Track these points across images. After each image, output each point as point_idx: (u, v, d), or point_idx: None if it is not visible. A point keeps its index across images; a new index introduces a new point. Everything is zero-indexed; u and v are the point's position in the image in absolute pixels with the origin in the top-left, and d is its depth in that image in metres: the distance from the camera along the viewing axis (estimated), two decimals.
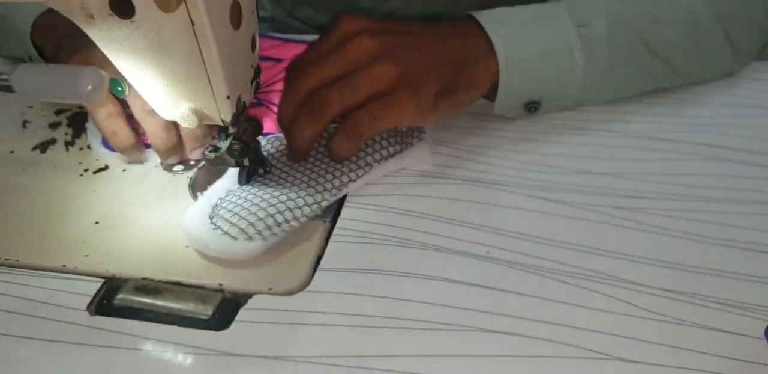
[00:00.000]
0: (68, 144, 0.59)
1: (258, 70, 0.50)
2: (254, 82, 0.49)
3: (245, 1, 0.45)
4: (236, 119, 0.47)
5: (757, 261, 0.46)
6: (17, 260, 0.48)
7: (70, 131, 0.60)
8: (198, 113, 0.46)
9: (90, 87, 0.44)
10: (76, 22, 0.43)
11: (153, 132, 0.52)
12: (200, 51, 0.43)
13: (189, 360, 0.42)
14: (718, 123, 0.57)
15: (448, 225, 0.49)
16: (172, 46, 0.42)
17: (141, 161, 0.56)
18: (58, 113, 0.62)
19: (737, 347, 0.41)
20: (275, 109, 0.56)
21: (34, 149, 0.58)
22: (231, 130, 0.48)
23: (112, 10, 0.41)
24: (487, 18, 0.54)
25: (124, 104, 0.53)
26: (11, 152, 0.58)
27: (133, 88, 0.47)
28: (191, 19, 0.41)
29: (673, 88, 0.61)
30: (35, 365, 0.42)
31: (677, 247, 0.47)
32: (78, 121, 0.61)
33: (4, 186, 0.54)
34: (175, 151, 0.54)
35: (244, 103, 0.48)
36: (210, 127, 0.53)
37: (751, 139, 0.56)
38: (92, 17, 0.42)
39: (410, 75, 0.50)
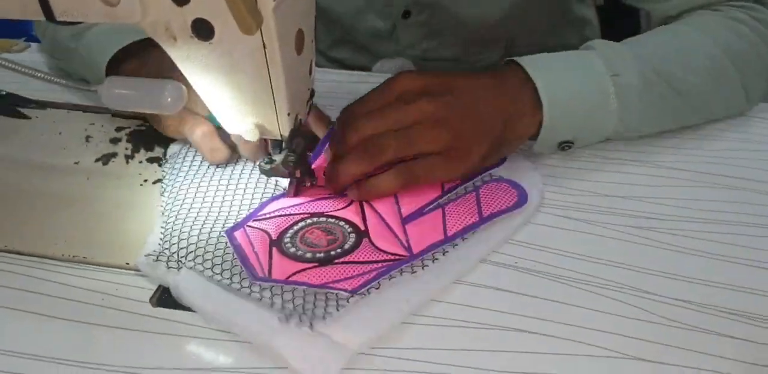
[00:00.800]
0: (128, 157, 0.64)
1: (312, 92, 0.55)
2: (309, 103, 0.55)
3: (307, 29, 0.51)
4: (293, 133, 0.52)
5: (763, 277, 0.50)
6: (85, 257, 0.53)
7: (129, 145, 0.65)
8: (260, 127, 0.51)
9: (170, 99, 0.49)
10: (159, 42, 0.48)
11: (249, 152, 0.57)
12: (269, 72, 0.48)
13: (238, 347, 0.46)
14: (732, 156, 0.62)
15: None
16: (244, 66, 0.48)
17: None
18: (119, 130, 0.67)
19: (744, 351, 0.45)
20: None
21: (96, 160, 0.63)
22: (285, 144, 0.53)
23: (192, 33, 0.47)
24: (530, 64, 0.58)
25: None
26: (76, 163, 0.63)
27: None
28: (264, 43, 0.47)
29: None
30: (105, 347, 0.46)
31: (691, 263, 0.52)
32: (136, 137, 0.66)
33: (71, 193, 0.59)
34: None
35: (301, 120, 0.53)
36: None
37: (760, 170, 0.60)
38: (174, 38, 0.48)
39: (462, 139, 0.54)
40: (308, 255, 0.50)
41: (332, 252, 0.50)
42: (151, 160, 0.63)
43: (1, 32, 0.82)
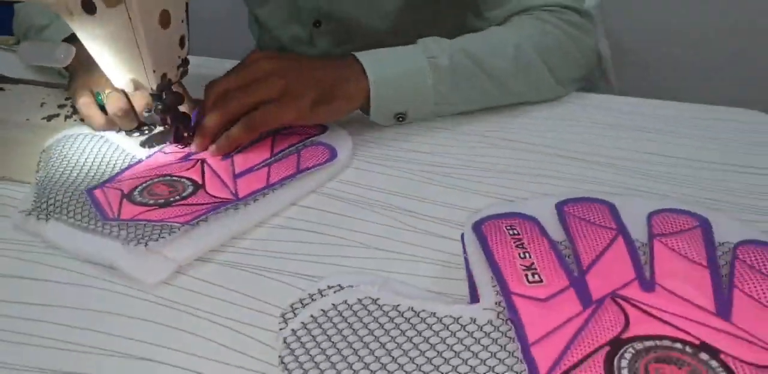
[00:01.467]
0: (66, 117, 0.83)
1: (186, 61, 0.73)
2: (180, 69, 0.72)
3: (174, 11, 0.69)
4: (160, 88, 0.70)
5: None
6: (10, 177, 0.71)
7: (71, 110, 0.84)
8: (135, 82, 0.69)
9: (62, 55, 0.68)
10: (63, 17, 0.67)
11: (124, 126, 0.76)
12: (136, 39, 0.66)
13: None
14: (530, 127, 0.77)
15: None
16: (119, 34, 0.66)
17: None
18: (67, 99, 0.87)
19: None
20: None
21: (42, 119, 0.83)
22: (155, 96, 0.71)
23: (83, 9, 0.66)
24: (362, 53, 0.75)
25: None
26: (27, 119, 0.83)
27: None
28: (129, 17, 0.65)
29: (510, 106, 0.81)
30: None
31: (459, 195, 0.67)
32: None
33: (19, 139, 0.78)
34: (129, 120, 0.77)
35: (169, 79, 0.71)
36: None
37: (558, 140, 0.75)
38: (71, 14, 0.67)
39: (293, 87, 0.70)
40: (151, 202, 0.63)
41: (171, 199, 0.64)
42: (83, 120, 0.82)
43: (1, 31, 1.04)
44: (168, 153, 0.73)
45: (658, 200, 0.57)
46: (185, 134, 0.74)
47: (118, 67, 0.69)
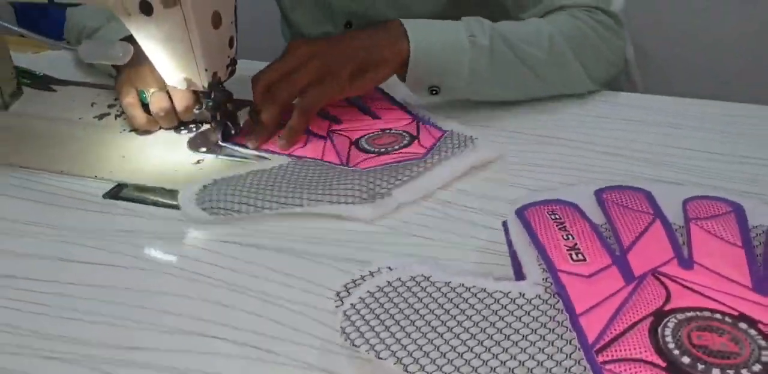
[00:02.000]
0: (117, 116, 0.86)
1: (234, 61, 0.76)
2: (230, 68, 0.76)
3: (225, 12, 0.73)
4: (211, 86, 0.73)
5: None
6: (65, 171, 0.75)
7: (120, 109, 0.88)
8: (188, 80, 0.73)
9: (121, 53, 0.71)
10: (120, 17, 0.71)
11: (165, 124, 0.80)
12: (190, 39, 0.70)
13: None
14: (561, 123, 0.80)
15: None
16: (173, 34, 0.70)
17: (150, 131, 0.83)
18: (116, 99, 0.90)
19: None
20: None
21: (94, 117, 0.87)
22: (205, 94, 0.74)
23: (140, 10, 0.69)
24: (408, 20, 0.78)
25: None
26: (80, 118, 0.87)
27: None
28: (184, 18, 0.69)
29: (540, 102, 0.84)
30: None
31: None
32: None
33: (76, 135, 0.82)
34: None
35: (219, 78, 0.74)
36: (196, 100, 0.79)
37: (575, 132, 0.78)
38: (129, 14, 0.70)
39: (330, 66, 0.74)
40: (374, 150, 0.73)
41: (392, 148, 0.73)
42: None
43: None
44: None
45: (691, 188, 0.59)
46: (232, 132, 0.78)
47: (171, 66, 0.73)
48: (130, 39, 0.73)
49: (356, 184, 0.66)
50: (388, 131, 0.77)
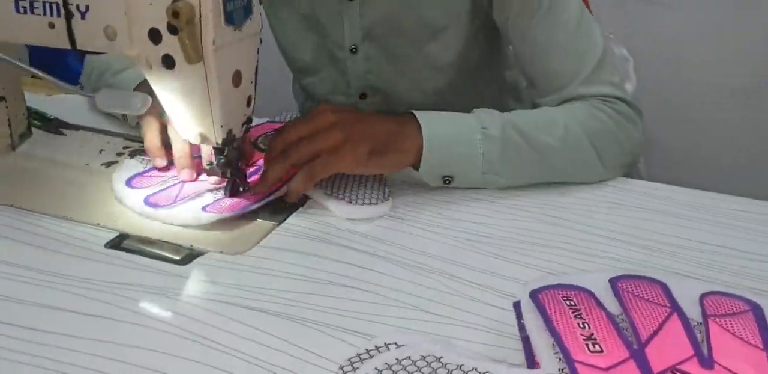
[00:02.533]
0: None
1: (250, 119, 0.76)
2: (244, 126, 0.75)
3: (246, 72, 0.72)
4: (225, 143, 0.73)
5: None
6: (72, 217, 0.74)
7: (129, 158, 0.87)
8: (202, 135, 0.72)
9: (139, 104, 0.71)
10: (141, 68, 0.71)
11: (176, 148, 0.78)
12: (209, 95, 0.70)
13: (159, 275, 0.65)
14: (571, 205, 0.80)
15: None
16: (194, 89, 0.69)
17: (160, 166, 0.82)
18: (125, 147, 0.90)
19: None
20: None
21: (101, 165, 0.85)
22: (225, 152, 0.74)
23: (162, 64, 0.69)
24: (420, 112, 0.79)
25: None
26: (86, 164, 0.85)
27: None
28: (206, 74, 0.68)
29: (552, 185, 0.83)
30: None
31: (505, 264, 0.68)
32: (135, 153, 0.88)
33: (81, 180, 0.82)
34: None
35: (234, 135, 0.74)
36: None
37: (583, 216, 0.77)
38: (150, 66, 0.70)
39: (351, 137, 0.74)
40: None
41: None
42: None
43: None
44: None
45: (708, 283, 0.58)
46: (240, 189, 0.77)
47: (187, 120, 0.72)
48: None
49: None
50: None
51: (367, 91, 1.02)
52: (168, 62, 0.69)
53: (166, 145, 0.80)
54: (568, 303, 0.53)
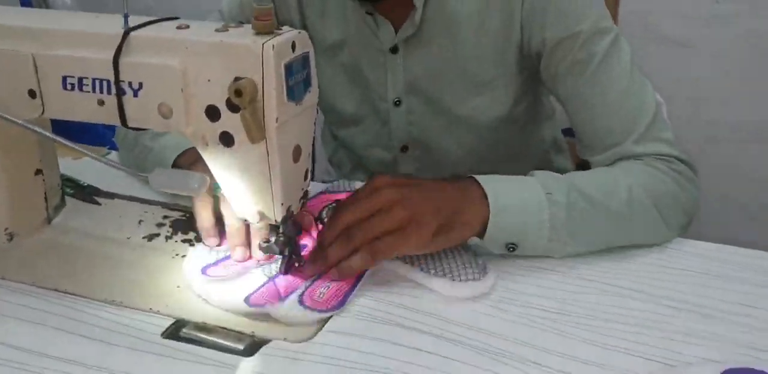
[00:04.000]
0: (167, 238, 0.82)
1: (306, 193, 0.73)
2: (302, 200, 0.73)
3: (304, 145, 0.70)
4: (284, 220, 0.70)
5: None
6: (122, 301, 0.70)
7: (170, 230, 0.84)
8: (260, 213, 0.70)
9: (196, 185, 0.68)
10: (195, 145, 0.68)
11: (229, 226, 0.75)
12: (269, 173, 0.67)
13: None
14: (639, 274, 0.77)
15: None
16: (253, 167, 0.67)
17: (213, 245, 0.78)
18: (164, 217, 0.86)
19: None
20: None
21: (143, 238, 0.82)
22: (281, 228, 0.71)
23: (219, 141, 0.67)
24: (483, 178, 0.76)
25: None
26: (128, 238, 0.82)
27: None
28: (267, 151, 0.66)
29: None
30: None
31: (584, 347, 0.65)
32: (177, 224, 0.85)
33: (126, 258, 0.78)
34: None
35: (292, 211, 0.71)
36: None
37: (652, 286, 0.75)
38: (207, 144, 0.67)
39: (416, 216, 0.70)
40: None
41: None
42: (184, 241, 0.82)
43: (89, 141, 1.05)
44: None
45: None
46: (296, 264, 0.74)
47: (245, 198, 0.69)
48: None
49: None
50: None
51: (409, 144, 1.00)
52: (226, 140, 0.66)
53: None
54: None
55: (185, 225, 0.84)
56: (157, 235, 0.83)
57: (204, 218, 0.76)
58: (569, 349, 0.65)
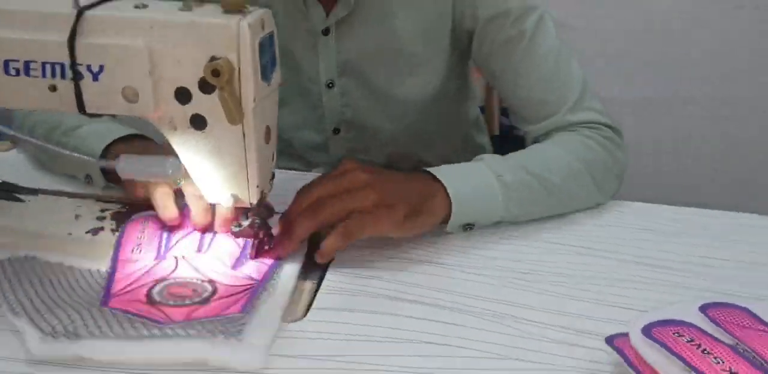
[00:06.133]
0: (113, 231, 0.78)
1: (273, 175, 0.72)
2: (271, 182, 0.72)
3: (273, 126, 0.69)
4: (259, 202, 0.69)
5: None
6: None
7: (113, 222, 0.80)
8: (235, 197, 0.68)
9: (171, 171, 0.65)
10: (162, 131, 0.65)
11: (197, 212, 0.73)
12: (245, 155, 0.66)
13: None
14: (585, 233, 0.83)
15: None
16: (228, 150, 0.65)
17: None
18: (103, 210, 0.82)
19: None
20: None
21: (87, 232, 0.78)
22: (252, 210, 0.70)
23: (190, 124, 0.65)
24: (435, 170, 0.78)
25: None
26: (69, 233, 0.77)
27: (187, 179, 0.69)
28: (244, 133, 0.64)
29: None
30: None
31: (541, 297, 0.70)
32: (118, 216, 0.81)
33: (79, 253, 0.74)
34: (209, 227, 0.75)
35: (264, 193, 0.70)
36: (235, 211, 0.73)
37: (604, 243, 0.81)
38: (175, 128, 0.65)
39: (386, 200, 0.72)
40: (187, 301, 0.66)
41: (203, 295, 0.67)
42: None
43: None
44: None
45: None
46: (266, 247, 0.73)
47: (218, 182, 0.68)
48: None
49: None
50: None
51: (341, 127, 1.01)
52: (197, 123, 0.65)
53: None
54: (684, 339, 0.55)
55: (128, 216, 0.81)
56: (101, 228, 0.79)
57: (168, 208, 0.74)
58: (553, 305, 0.69)
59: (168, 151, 0.67)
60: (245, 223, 0.70)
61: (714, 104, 1.93)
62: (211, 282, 0.69)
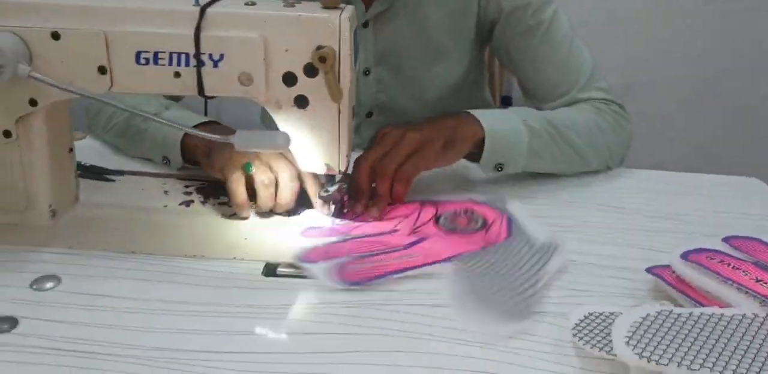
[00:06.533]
0: (203, 202, 0.89)
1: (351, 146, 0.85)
2: (349, 153, 0.84)
3: (354, 104, 0.82)
4: (345, 170, 0.81)
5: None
6: (203, 255, 0.78)
7: (200, 196, 0.91)
8: (327, 165, 0.80)
9: (281, 141, 0.77)
10: (268, 109, 0.77)
11: (264, 196, 0.84)
12: (339, 128, 0.78)
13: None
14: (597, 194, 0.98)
15: None
16: (325, 125, 0.77)
17: (245, 218, 0.86)
18: (187, 186, 0.93)
19: None
20: None
21: (180, 204, 0.89)
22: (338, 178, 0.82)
23: (294, 104, 0.77)
24: (475, 112, 0.92)
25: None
26: (165, 206, 0.88)
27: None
28: (339, 110, 0.77)
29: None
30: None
31: (603, 247, 0.84)
32: (202, 190, 0.92)
33: (179, 222, 0.85)
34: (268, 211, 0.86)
35: (349, 162, 0.82)
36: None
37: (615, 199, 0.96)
38: (280, 107, 0.77)
39: (424, 136, 0.87)
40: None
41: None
42: (221, 204, 0.89)
43: None
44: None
45: None
46: (344, 210, 0.85)
47: (313, 153, 0.80)
48: None
49: None
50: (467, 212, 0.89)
51: (374, 111, 1.13)
52: (300, 102, 0.77)
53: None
54: (715, 261, 0.70)
55: (211, 191, 0.92)
56: (192, 202, 0.90)
57: (239, 193, 0.84)
58: (594, 249, 0.83)
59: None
60: (332, 189, 0.82)
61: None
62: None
